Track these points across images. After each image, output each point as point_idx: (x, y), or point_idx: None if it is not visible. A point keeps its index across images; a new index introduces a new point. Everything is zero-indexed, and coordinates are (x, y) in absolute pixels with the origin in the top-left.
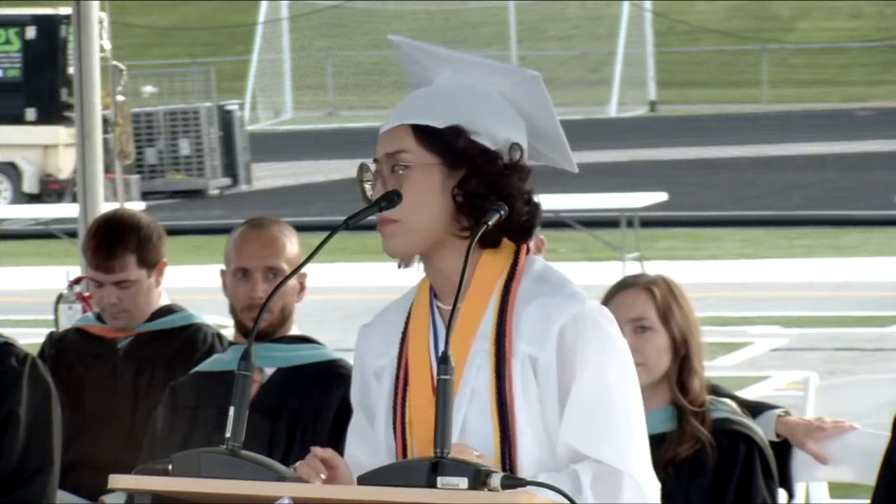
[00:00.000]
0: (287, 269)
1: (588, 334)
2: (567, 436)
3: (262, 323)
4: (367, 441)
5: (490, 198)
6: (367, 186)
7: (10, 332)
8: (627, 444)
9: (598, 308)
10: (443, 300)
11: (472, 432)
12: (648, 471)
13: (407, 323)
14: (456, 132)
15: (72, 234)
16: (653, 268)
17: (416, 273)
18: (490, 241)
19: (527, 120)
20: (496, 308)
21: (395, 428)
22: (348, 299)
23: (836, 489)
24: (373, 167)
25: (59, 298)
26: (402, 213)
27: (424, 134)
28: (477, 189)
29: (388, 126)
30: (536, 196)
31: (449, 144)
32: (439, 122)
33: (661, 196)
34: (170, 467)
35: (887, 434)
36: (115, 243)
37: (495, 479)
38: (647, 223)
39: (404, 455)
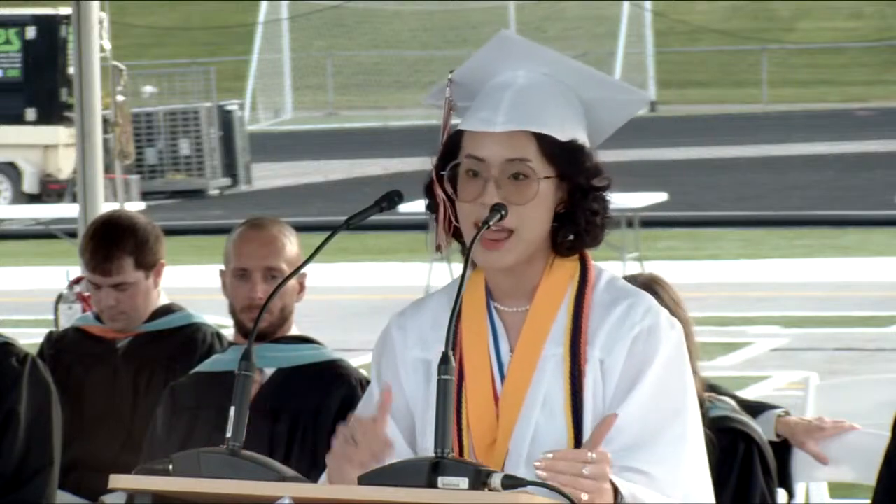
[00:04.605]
0: (287, 269)
1: (657, 349)
2: (616, 442)
3: (261, 323)
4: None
5: (599, 213)
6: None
7: (10, 332)
8: (675, 463)
9: (671, 321)
10: (502, 301)
11: (545, 440)
12: (699, 488)
13: (457, 322)
14: (578, 149)
15: (72, 234)
16: (653, 268)
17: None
18: (575, 251)
19: (590, 127)
20: (569, 314)
21: None
22: (348, 299)
23: (836, 489)
24: (476, 167)
25: (59, 298)
26: (519, 223)
27: (548, 145)
28: (588, 204)
29: (503, 127)
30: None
31: (567, 159)
32: (561, 135)
33: (661, 196)
34: (170, 467)
35: (887, 434)
36: (111, 246)
37: (496, 480)
38: (647, 223)
39: (460, 453)
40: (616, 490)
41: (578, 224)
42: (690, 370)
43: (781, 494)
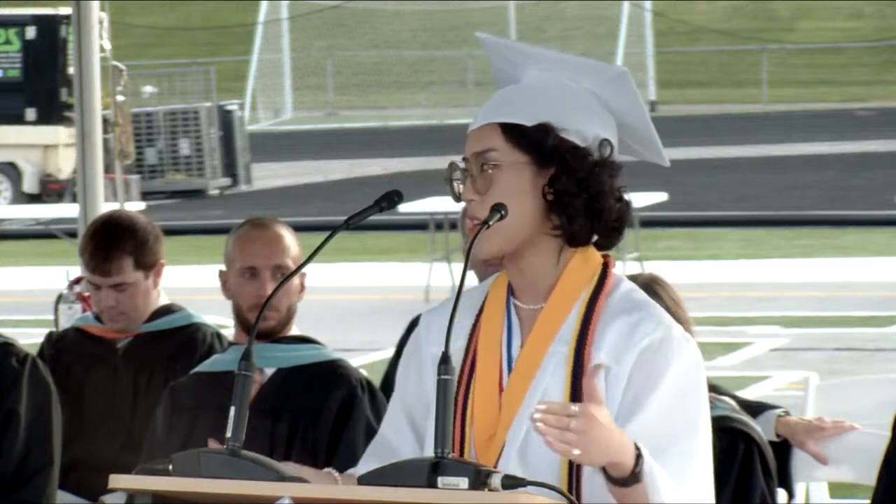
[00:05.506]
0: (293, 267)
1: (670, 361)
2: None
3: (270, 322)
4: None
5: (581, 196)
6: (456, 185)
7: (10, 332)
8: (679, 477)
9: (684, 335)
10: (521, 298)
11: (540, 437)
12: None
13: (478, 317)
14: (545, 130)
15: (72, 234)
16: (653, 268)
17: (418, 277)
18: (580, 240)
19: (616, 116)
20: (580, 316)
21: (454, 419)
22: (348, 299)
23: (836, 489)
24: (462, 165)
25: (59, 298)
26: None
27: (513, 132)
28: (567, 187)
29: (477, 125)
30: (627, 193)
31: (538, 142)
32: (528, 120)
33: (661, 196)
34: (170, 467)
35: (887, 434)
36: (111, 246)
37: (495, 480)
38: (647, 223)
39: (461, 445)
40: (639, 456)
41: (565, 206)
42: (706, 387)
43: (781, 494)
